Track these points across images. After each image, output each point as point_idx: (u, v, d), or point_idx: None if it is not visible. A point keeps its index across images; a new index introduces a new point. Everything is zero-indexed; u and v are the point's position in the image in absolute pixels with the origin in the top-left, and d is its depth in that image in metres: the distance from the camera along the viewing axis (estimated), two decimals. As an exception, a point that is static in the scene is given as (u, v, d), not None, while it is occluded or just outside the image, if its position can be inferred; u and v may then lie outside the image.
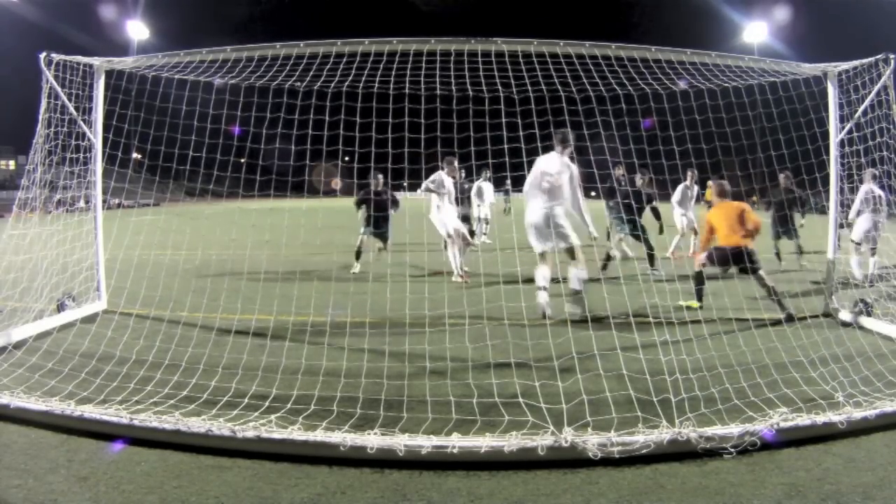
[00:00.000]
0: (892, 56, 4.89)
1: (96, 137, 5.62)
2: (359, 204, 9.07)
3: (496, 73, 4.68)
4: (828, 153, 5.73)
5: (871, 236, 7.90)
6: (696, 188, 10.87)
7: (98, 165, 5.66)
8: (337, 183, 11.62)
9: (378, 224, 8.87)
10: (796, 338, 4.58)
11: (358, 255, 8.76)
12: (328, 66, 4.77)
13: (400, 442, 2.81)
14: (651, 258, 8.52)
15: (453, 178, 8.52)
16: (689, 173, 10.63)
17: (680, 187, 10.54)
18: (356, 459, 2.78)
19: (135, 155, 6.40)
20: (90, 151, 5.60)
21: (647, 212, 8.92)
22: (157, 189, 7.01)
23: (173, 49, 5.02)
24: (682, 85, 5.21)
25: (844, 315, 5.58)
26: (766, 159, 5.79)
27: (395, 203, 9.16)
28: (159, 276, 6.99)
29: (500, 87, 4.61)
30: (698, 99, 5.16)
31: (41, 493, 2.51)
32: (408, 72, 4.67)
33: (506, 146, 4.56)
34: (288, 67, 4.81)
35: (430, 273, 8.45)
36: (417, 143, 5.13)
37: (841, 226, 7.75)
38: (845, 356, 4.16)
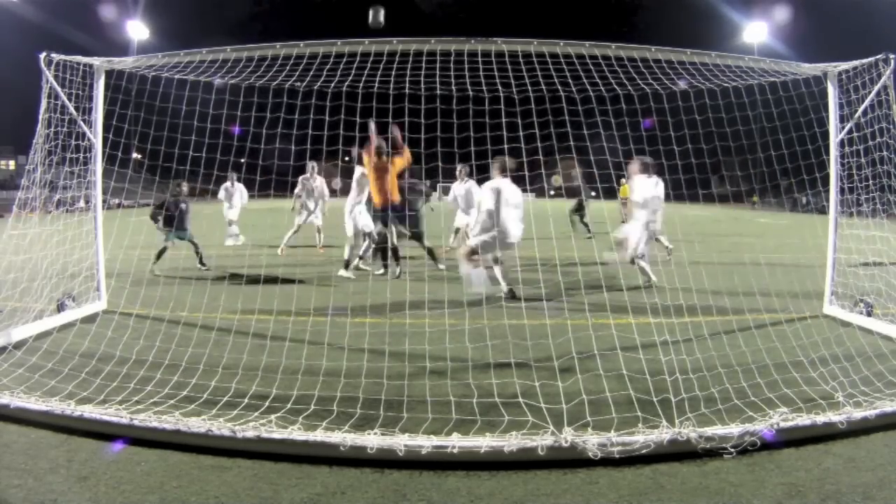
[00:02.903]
0: (892, 56, 4.89)
1: (96, 137, 5.61)
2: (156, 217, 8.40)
3: (496, 73, 4.67)
4: (828, 153, 5.73)
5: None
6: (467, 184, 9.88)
7: (98, 165, 5.65)
8: (337, 183, 11.62)
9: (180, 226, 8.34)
10: (796, 338, 4.58)
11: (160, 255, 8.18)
12: (328, 66, 4.76)
13: (400, 442, 2.81)
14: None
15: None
16: (460, 169, 9.46)
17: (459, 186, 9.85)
18: (356, 459, 2.78)
19: (135, 155, 6.39)
20: (90, 151, 5.59)
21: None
22: (157, 189, 7.01)
23: (173, 49, 5.01)
24: (682, 85, 5.21)
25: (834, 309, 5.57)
26: (766, 159, 5.79)
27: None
28: (159, 276, 7.00)
29: (500, 87, 4.61)
30: (698, 99, 5.16)
31: (41, 493, 2.51)
32: (408, 72, 4.66)
33: (505, 146, 4.56)
34: (288, 67, 4.80)
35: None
36: (417, 143, 5.16)
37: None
38: (845, 356, 4.16)
